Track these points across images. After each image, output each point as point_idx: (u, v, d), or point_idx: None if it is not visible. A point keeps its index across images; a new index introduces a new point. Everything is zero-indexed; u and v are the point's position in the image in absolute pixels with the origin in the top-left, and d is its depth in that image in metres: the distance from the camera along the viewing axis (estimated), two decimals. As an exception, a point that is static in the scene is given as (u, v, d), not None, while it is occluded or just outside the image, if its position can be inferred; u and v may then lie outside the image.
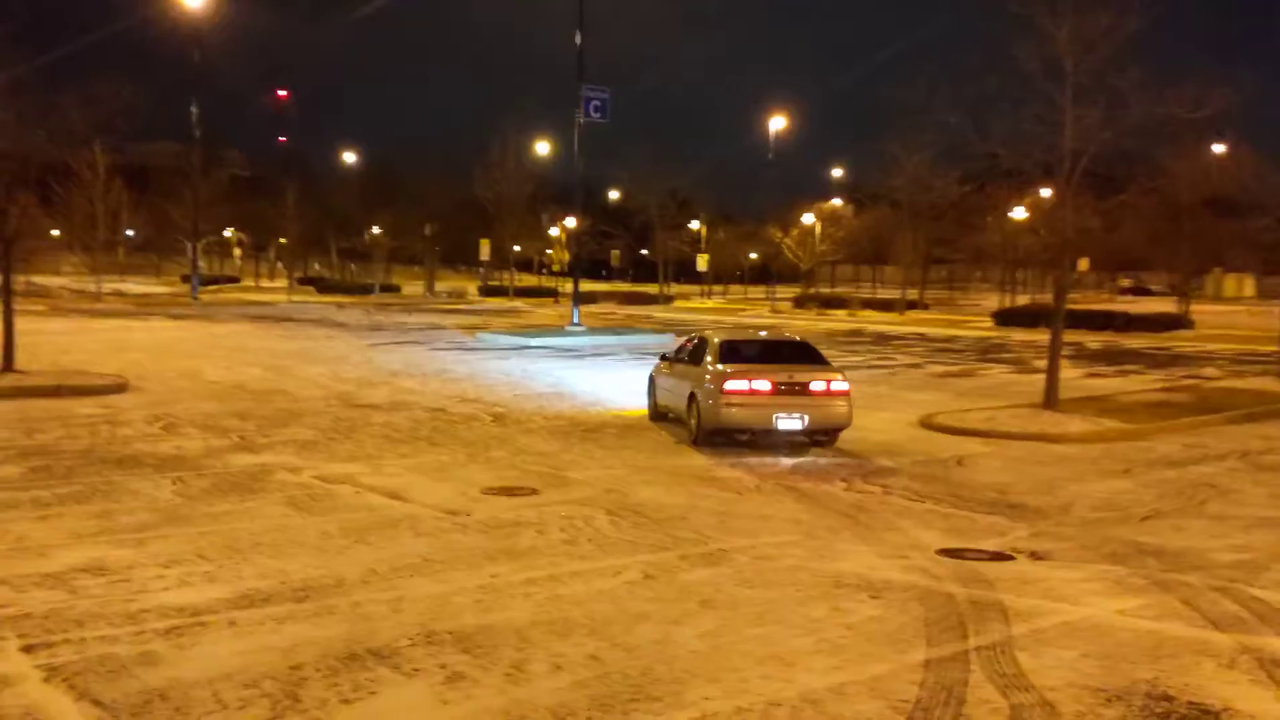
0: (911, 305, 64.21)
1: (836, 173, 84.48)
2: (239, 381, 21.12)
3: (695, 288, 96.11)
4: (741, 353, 15.32)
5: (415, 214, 77.89)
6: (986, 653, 6.70)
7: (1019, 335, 42.73)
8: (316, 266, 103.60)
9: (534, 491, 11.46)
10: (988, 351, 34.97)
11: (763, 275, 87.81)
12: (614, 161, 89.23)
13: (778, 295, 74.43)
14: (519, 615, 7.23)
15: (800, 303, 70.34)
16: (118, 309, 50.36)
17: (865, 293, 78.70)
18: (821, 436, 14.72)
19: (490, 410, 17.95)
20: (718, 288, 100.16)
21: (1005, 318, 51.54)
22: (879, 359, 30.67)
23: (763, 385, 14.26)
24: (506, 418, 17.15)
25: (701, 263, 79.29)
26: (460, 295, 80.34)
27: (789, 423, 14.18)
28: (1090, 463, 14.33)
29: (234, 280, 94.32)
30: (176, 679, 5.93)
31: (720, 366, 14.64)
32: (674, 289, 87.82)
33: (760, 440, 14.52)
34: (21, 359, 19.77)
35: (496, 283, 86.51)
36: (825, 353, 16.34)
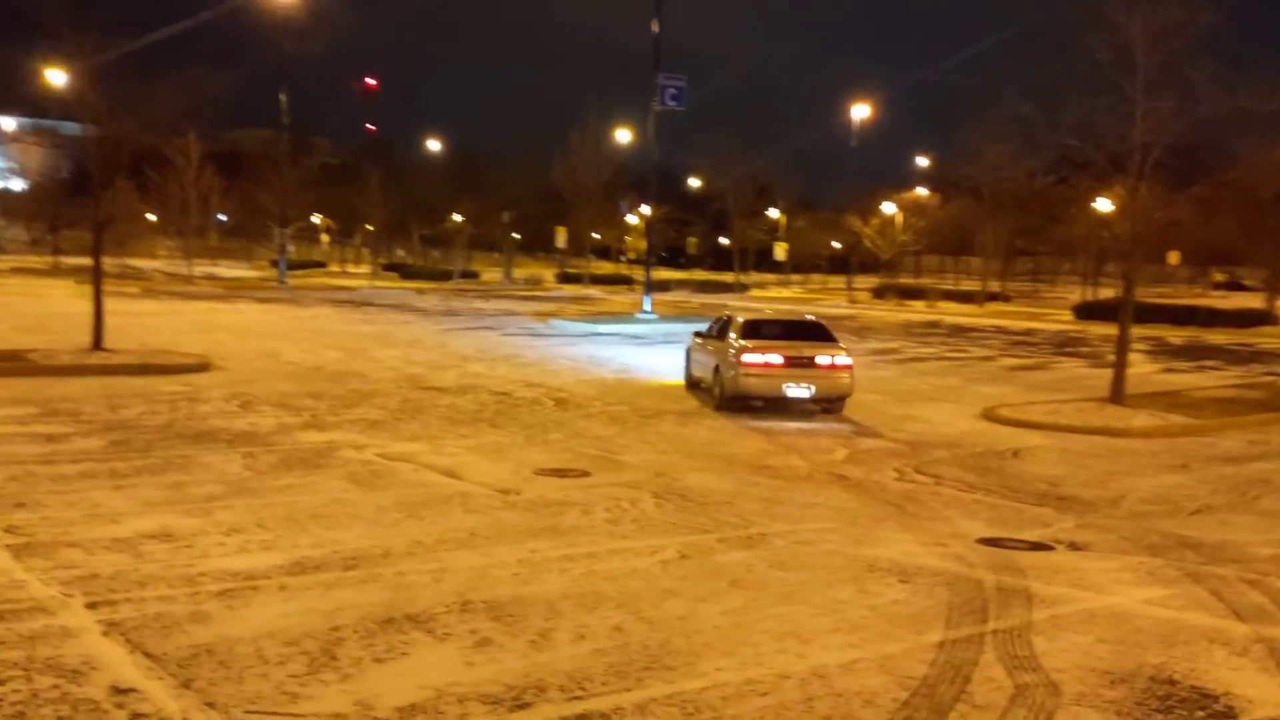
0: (992, 297, 63.22)
1: (922, 162, 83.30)
2: (316, 363, 21.81)
3: (773, 276, 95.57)
4: (761, 331, 17.35)
5: (495, 201, 78.76)
6: (1002, 636, 6.84)
7: (1098, 329, 41.89)
8: (400, 252, 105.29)
9: (585, 474, 11.77)
10: (1064, 345, 34.48)
11: (843, 265, 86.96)
12: (692, 149, 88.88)
13: (856, 285, 73.75)
14: (552, 588, 7.56)
15: (879, 293, 69.57)
16: (208, 292, 51.89)
17: (949, 284, 77.53)
18: (827, 404, 16.71)
19: (553, 395, 18.33)
20: (796, 277, 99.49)
21: (1086, 311, 50.53)
22: (952, 350, 30.42)
23: (775, 359, 16.36)
24: (568, 402, 17.51)
25: (779, 251, 78.79)
26: (537, 282, 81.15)
27: (797, 391, 16.26)
28: (1150, 457, 14.24)
29: (320, 265, 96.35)
30: (224, 636, 6.37)
31: (741, 342, 16.71)
32: (752, 277, 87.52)
33: (773, 406, 16.39)
34: (111, 339, 20.66)
35: (574, 270, 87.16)
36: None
